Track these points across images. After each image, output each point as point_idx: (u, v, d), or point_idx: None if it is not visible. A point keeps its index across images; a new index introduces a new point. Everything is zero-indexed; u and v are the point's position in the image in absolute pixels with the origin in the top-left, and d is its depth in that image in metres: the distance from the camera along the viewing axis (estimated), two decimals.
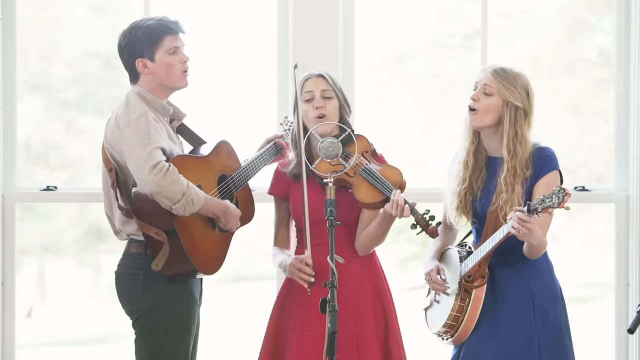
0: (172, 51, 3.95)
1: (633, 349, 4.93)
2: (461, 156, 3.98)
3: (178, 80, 3.98)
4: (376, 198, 3.94)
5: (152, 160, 3.72)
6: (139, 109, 3.86)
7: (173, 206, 3.74)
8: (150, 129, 3.80)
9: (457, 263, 3.94)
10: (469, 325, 3.89)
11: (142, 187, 3.75)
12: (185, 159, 3.92)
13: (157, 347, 3.90)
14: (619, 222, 4.98)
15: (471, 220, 3.98)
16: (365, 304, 4.01)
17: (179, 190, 3.72)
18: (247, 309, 4.09)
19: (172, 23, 3.98)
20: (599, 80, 5.32)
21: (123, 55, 3.98)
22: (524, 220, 3.62)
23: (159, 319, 3.88)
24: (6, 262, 4.88)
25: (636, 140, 4.92)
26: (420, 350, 4.94)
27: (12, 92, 4.91)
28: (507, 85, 3.86)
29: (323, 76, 4.01)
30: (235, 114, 5.22)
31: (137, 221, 3.85)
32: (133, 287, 3.92)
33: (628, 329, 3.72)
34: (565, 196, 3.56)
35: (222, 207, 3.89)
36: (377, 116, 5.14)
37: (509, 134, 3.85)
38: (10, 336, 4.90)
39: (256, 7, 5.08)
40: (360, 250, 4.03)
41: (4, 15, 4.89)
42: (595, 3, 5.27)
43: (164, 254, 3.82)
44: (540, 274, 3.92)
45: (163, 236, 3.81)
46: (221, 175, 4.03)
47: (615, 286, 4.99)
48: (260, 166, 4.17)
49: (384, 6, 5.13)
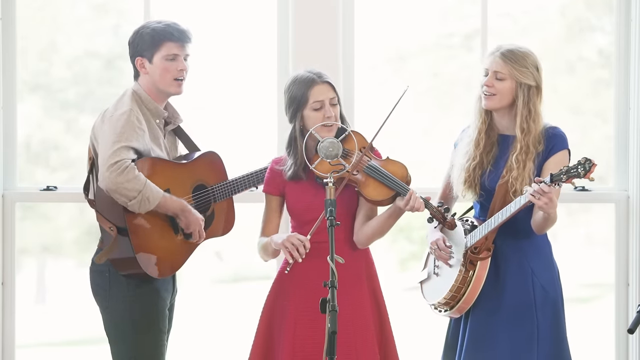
0: (170, 57, 4.00)
1: (633, 349, 4.93)
2: (473, 134, 4.01)
3: (170, 85, 4.02)
4: (386, 195, 3.95)
5: (114, 158, 3.79)
6: (126, 106, 3.92)
7: (128, 202, 3.81)
8: (126, 128, 3.86)
9: (462, 235, 3.96)
10: (471, 296, 3.93)
11: (100, 182, 3.85)
12: (157, 161, 3.96)
13: (125, 343, 3.98)
14: (619, 222, 4.98)
15: (478, 194, 4.00)
16: (363, 302, 4.01)
17: (135, 188, 3.79)
18: (247, 309, 4.09)
19: (178, 31, 4.02)
20: (599, 80, 5.32)
21: (129, 52, 4.06)
22: (545, 191, 3.67)
23: (124, 316, 3.96)
24: (6, 262, 4.88)
25: (636, 140, 4.92)
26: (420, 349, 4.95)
27: (12, 92, 4.91)
28: (519, 67, 3.90)
29: (330, 84, 4.00)
30: (235, 114, 5.22)
31: (96, 213, 3.95)
32: (100, 283, 4.00)
33: (628, 329, 3.73)
34: (592, 166, 3.64)
35: (180, 206, 3.94)
36: (377, 116, 5.14)
37: (522, 113, 3.91)
38: (10, 336, 4.90)
39: (256, 7, 5.08)
40: (361, 243, 4.02)
41: (4, 15, 4.89)
42: (595, 3, 5.27)
43: (110, 249, 3.91)
44: (540, 252, 3.98)
45: (115, 231, 3.88)
46: (200, 185, 4.08)
47: (615, 286, 4.99)
48: (250, 186, 4.20)
49: (384, 6, 5.13)
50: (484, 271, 3.92)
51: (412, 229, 6.62)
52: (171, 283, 4.11)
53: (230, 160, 4.26)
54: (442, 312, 4.06)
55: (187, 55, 4.05)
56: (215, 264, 7.62)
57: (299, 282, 3.98)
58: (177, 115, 4.13)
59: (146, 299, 3.98)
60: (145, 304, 3.98)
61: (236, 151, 4.40)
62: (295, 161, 4.00)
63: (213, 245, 6.72)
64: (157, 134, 4.02)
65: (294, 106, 3.98)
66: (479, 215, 4.06)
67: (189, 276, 7.36)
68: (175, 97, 4.12)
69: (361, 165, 3.96)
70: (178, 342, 6.11)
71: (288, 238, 3.89)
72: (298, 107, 3.97)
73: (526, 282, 3.94)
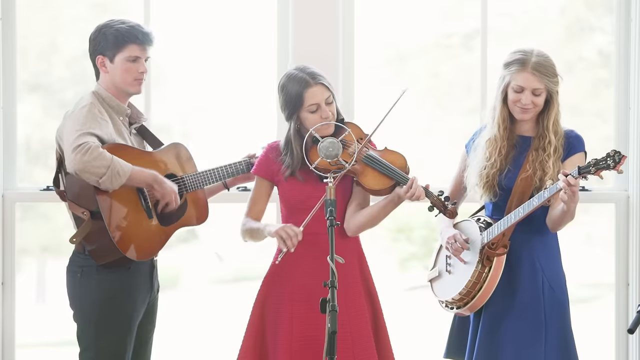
0: (132, 59, 4.02)
1: (633, 349, 4.93)
2: (495, 143, 4.05)
3: (129, 85, 4.04)
4: (385, 184, 3.95)
5: (78, 141, 3.80)
6: (85, 102, 3.95)
7: (100, 180, 3.80)
8: (87, 118, 3.88)
9: (476, 232, 4.00)
10: (485, 294, 3.96)
11: (69, 167, 3.84)
12: (123, 147, 3.97)
13: (91, 344, 3.97)
14: (619, 222, 4.98)
15: (494, 193, 4.03)
16: (358, 299, 4.02)
17: (103, 164, 3.78)
18: (247, 309, 4.09)
19: (142, 33, 4.03)
20: (599, 80, 5.32)
21: (90, 48, 4.08)
22: (572, 184, 3.73)
23: (91, 317, 3.96)
24: (6, 262, 4.88)
25: (636, 140, 4.92)
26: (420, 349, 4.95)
27: (12, 92, 4.91)
28: (551, 78, 3.98)
29: (324, 84, 4.00)
30: (235, 114, 5.23)
31: (67, 202, 3.96)
32: (72, 283, 4.01)
33: (628, 329, 3.74)
34: (622, 158, 3.72)
35: (152, 176, 3.93)
36: (377, 116, 5.14)
37: (554, 117, 4.00)
38: (10, 336, 4.90)
39: (256, 7, 5.08)
40: (353, 231, 4.03)
41: (4, 15, 4.89)
42: (595, 3, 5.28)
43: (84, 230, 3.91)
44: (550, 253, 4.03)
45: (88, 214, 3.89)
46: (169, 174, 4.08)
47: (615, 286, 4.99)
48: (224, 178, 4.21)
49: (384, 6, 5.13)
50: (499, 271, 3.95)
51: (412, 229, 6.62)
52: (149, 280, 4.11)
53: (230, 159, 4.26)
54: (453, 310, 4.07)
55: (148, 58, 4.07)
56: (215, 264, 7.62)
57: (292, 273, 4.00)
58: (141, 114, 4.16)
59: (115, 302, 3.97)
60: (114, 308, 3.97)
61: (236, 151, 4.39)
62: (292, 161, 4.01)
63: (213, 245, 6.72)
64: (121, 130, 4.03)
65: (290, 108, 3.99)
66: (492, 215, 4.09)
67: (189, 276, 7.36)
68: (175, 98, 4.12)
69: (360, 155, 3.97)
70: (178, 342, 6.11)
71: (283, 227, 3.90)
72: (294, 109, 3.98)
73: (536, 279, 3.98)
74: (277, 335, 3.99)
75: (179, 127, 5.49)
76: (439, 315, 4.20)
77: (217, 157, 4.44)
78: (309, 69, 4.01)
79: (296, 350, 3.94)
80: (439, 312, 4.20)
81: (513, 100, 3.99)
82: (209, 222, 4.20)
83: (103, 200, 3.88)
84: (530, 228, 3.99)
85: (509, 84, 3.99)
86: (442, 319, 4.30)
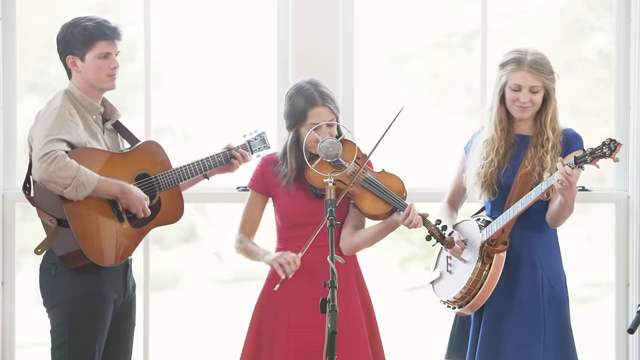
0: (102, 55, 4.02)
1: (633, 349, 4.93)
2: (492, 143, 4.06)
3: (103, 81, 4.04)
4: (383, 209, 3.94)
5: (45, 149, 3.80)
6: (56, 103, 3.94)
7: (64, 190, 3.80)
8: (57, 122, 3.88)
9: (476, 231, 4.01)
10: (485, 293, 3.98)
11: (34, 176, 3.86)
12: (92, 151, 3.96)
13: (64, 342, 3.99)
14: (619, 222, 4.97)
15: (494, 192, 4.03)
16: (354, 301, 4.02)
17: (68, 175, 3.78)
18: (247, 309, 4.09)
19: (109, 29, 4.03)
20: (599, 80, 5.32)
21: (58, 49, 4.07)
22: (568, 174, 3.74)
23: (63, 315, 3.97)
24: (6, 262, 4.88)
25: (636, 140, 4.92)
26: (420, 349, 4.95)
27: (12, 92, 4.91)
28: (547, 75, 4.00)
29: (330, 108, 3.99)
30: (235, 114, 5.22)
31: (37, 209, 3.95)
32: (45, 281, 4.01)
33: (628, 329, 3.74)
34: (618, 146, 3.72)
35: (119, 187, 3.93)
36: (377, 116, 5.14)
37: (552, 114, 4.02)
38: (10, 336, 4.90)
39: (256, 7, 5.08)
40: (349, 251, 4.04)
41: (4, 15, 4.89)
42: (595, 3, 5.27)
43: (50, 239, 3.91)
44: (550, 251, 4.05)
45: (55, 223, 3.89)
46: (142, 174, 4.07)
47: (615, 286, 4.99)
48: (200, 171, 4.19)
49: (384, 6, 5.13)
50: (499, 268, 3.96)
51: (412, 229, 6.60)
52: (123, 279, 4.09)
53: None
54: (455, 309, 4.07)
55: (118, 52, 4.06)
56: (215, 264, 7.62)
57: (291, 287, 3.99)
58: (115, 110, 4.14)
59: (89, 301, 3.97)
60: (88, 306, 3.97)
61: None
62: (287, 172, 4.02)
63: (213, 245, 6.71)
64: (94, 129, 4.02)
65: (293, 120, 4.01)
66: (492, 214, 4.10)
67: (189, 276, 7.35)
68: (175, 98, 4.12)
69: (358, 177, 3.96)
70: (178, 342, 6.11)
71: (281, 255, 3.93)
72: (296, 122, 4.00)
73: (536, 277, 3.99)
74: (274, 346, 3.99)
75: (179, 127, 5.48)
76: (439, 315, 4.20)
77: None
78: (320, 87, 4.01)
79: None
80: (439, 313, 4.20)
81: (511, 100, 4.00)
82: (209, 222, 4.19)
83: (70, 208, 3.87)
84: (529, 225, 4.00)
85: (506, 84, 4.00)
86: (442, 320, 4.30)
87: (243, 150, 4.27)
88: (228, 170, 4.27)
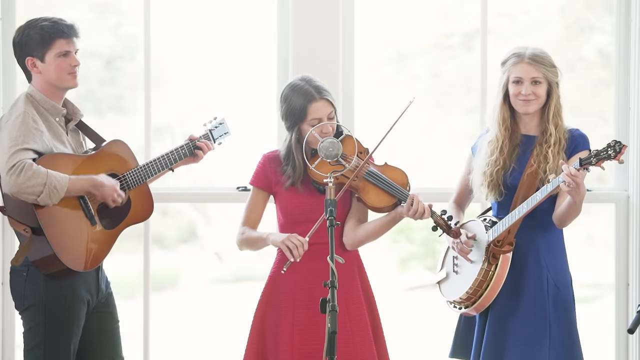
0: (62, 54, 3.99)
1: (633, 349, 4.93)
2: (496, 142, 4.07)
3: (65, 80, 4.01)
4: (388, 202, 3.94)
5: (12, 161, 3.77)
6: (19, 110, 3.91)
7: (38, 198, 3.79)
8: (21, 130, 3.85)
9: (482, 232, 4.01)
10: (492, 293, 3.98)
11: (4, 189, 3.84)
12: (59, 156, 3.94)
13: (39, 343, 3.95)
14: (619, 222, 4.98)
15: (499, 193, 4.03)
16: (357, 299, 4.02)
17: (38, 182, 3.77)
18: (247, 309, 4.09)
19: (66, 27, 4.00)
20: (599, 80, 5.32)
21: (16, 52, 4.03)
22: (574, 175, 3.73)
23: (37, 317, 3.95)
24: (6, 262, 4.88)
25: (636, 140, 4.92)
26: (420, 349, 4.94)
27: (12, 92, 4.91)
28: (549, 68, 4.01)
29: (328, 100, 3.99)
30: (235, 114, 5.22)
31: (8, 219, 3.94)
32: (18, 283, 3.99)
33: (628, 329, 3.74)
34: (623, 147, 3.71)
35: (89, 182, 3.91)
36: (377, 116, 5.14)
37: (555, 110, 4.02)
38: (10, 336, 4.90)
39: (256, 7, 5.08)
40: (350, 245, 4.03)
41: (4, 15, 4.89)
42: (595, 3, 5.27)
43: (25, 249, 3.90)
44: (556, 251, 4.05)
45: (29, 232, 3.87)
46: (111, 174, 4.04)
47: (615, 286, 4.99)
48: (166, 165, 4.17)
49: (384, 6, 5.13)
50: (505, 269, 3.96)
51: (412, 229, 6.62)
52: (95, 279, 4.07)
53: (229, 158, 4.26)
54: (460, 310, 4.07)
55: (77, 50, 4.04)
56: (215, 264, 7.62)
57: (295, 284, 3.99)
58: (77, 110, 4.12)
59: (63, 302, 3.96)
60: (62, 308, 3.96)
61: (236, 150, 4.40)
62: (293, 172, 4.01)
63: (213, 246, 6.71)
64: (58, 132, 4.00)
65: (293, 119, 3.99)
66: (498, 214, 4.10)
67: (188, 276, 7.35)
68: (175, 98, 4.10)
69: (361, 171, 3.96)
70: (178, 342, 6.10)
71: (289, 237, 3.90)
72: (297, 121, 3.99)
73: (542, 278, 3.99)
74: (278, 344, 3.98)
75: (179, 127, 5.48)
76: (439, 315, 4.21)
77: (217, 157, 4.44)
78: (314, 82, 4.00)
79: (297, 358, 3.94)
80: (439, 313, 4.20)
81: (514, 94, 4.00)
82: (209, 222, 4.19)
83: (43, 215, 3.85)
84: (535, 226, 4.00)
85: (509, 79, 4.01)
86: (442, 320, 4.30)
87: (205, 139, 4.26)
88: (193, 161, 4.26)
